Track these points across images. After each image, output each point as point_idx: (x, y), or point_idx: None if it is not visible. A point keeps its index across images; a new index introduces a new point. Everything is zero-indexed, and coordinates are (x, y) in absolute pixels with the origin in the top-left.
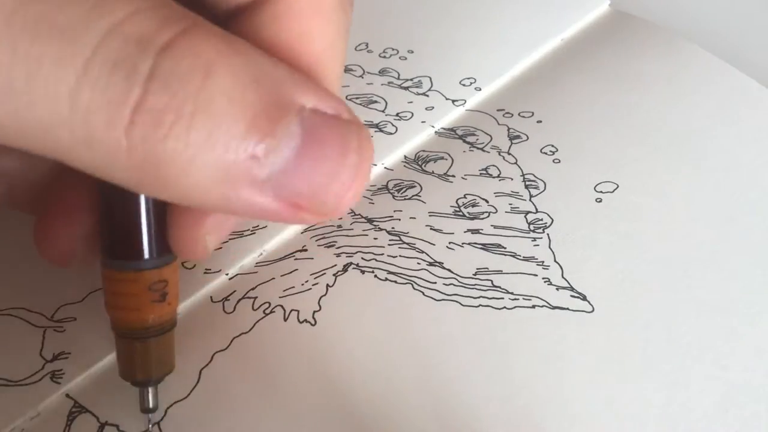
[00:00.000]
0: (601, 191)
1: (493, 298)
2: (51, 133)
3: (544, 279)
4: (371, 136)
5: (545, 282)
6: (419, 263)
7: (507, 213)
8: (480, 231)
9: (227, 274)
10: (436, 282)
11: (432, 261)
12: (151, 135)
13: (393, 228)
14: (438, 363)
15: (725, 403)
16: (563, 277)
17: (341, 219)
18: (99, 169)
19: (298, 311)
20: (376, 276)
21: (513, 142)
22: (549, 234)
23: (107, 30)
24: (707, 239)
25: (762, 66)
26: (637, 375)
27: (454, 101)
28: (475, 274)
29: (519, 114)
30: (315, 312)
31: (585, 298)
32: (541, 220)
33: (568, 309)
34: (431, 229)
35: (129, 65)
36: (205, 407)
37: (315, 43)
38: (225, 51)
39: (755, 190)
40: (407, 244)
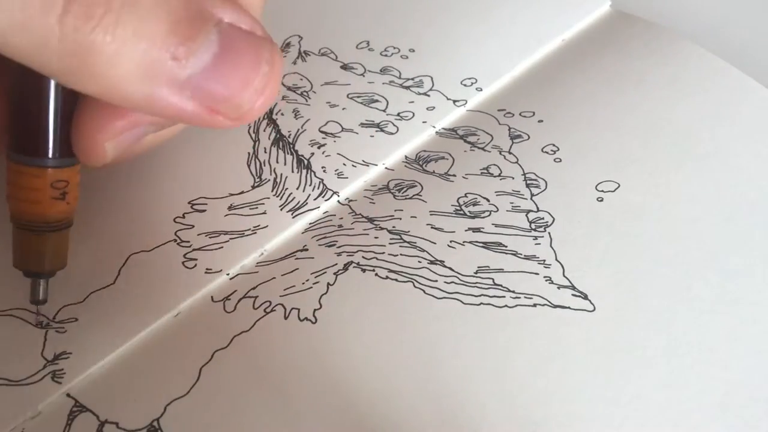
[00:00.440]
0: (603, 190)
1: (494, 296)
2: None
3: (545, 278)
4: (371, 135)
5: (546, 281)
6: (420, 262)
7: (508, 212)
8: (481, 230)
9: (228, 273)
10: (437, 280)
11: (433, 259)
12: (82, 25)
13: (394, 227)
14: (438, 361)
15: (725, 403)
16: (564, 276)
17: (342, 219)
18: (31, 57)
19: (298, 309)
20: (376, 274)
21: (514, 141)
22: (550, 233)
23: None
24: (708, 239)
25: (762, 66)
26: (638, 374)
27: (455, 101)
28: (476, 272)
29: (520, 114)
30: (315, 310)
31: (586, 297)
32: (543, 219)
33: (569, 308)
34: (432, 228)
35: None
36: (205, 405)
37: None
38: None
39: (755, 190)
40: (408, 242)
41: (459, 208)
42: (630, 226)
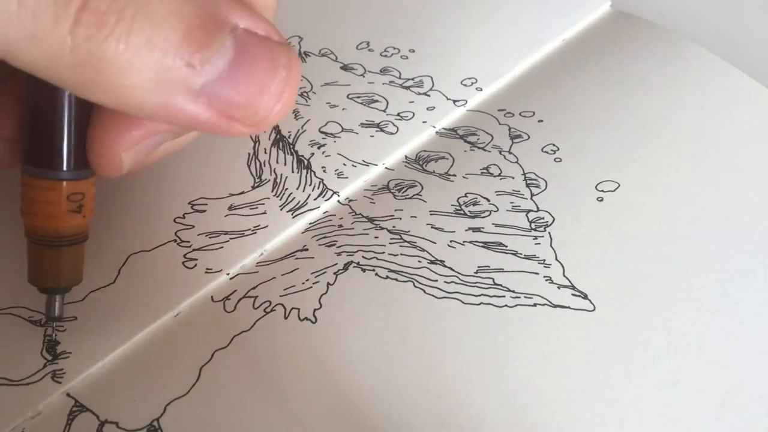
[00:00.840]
0: (603, 190)
1: (494, 296)
2: None
3: (545, 277)
4: (372, 135)
5: (546, 281)
6: (420, 261)
7: (508, 212)
8: (481, 229)
9: (228, 273)
10: (437, 280)
11: (433, 259)
12: (95, 35)
13: (394, 227)
14: (438, 361)
15: (725, 403)
16: (564, 276)
17: (342, 218)
18: (43, 68)
19: (298, 309)
20: (376, 274)
21: (514, 141)
22: (550, 232)
23: None
24: (708, 239)
25: (762, 66)
26: (638, 374)
27: (455, 101)
28: (476, 272)
29: (520, 114)
30: (315, 310)
31: (586, 296)
32: (543, 218)
33: (569, 308)
34: (432, 228)
35: None
36: (205, 404)
37: None
38: None
39: (755, 190)
40: (408, 242)
41: (459, 207)
42: (630, 226)
